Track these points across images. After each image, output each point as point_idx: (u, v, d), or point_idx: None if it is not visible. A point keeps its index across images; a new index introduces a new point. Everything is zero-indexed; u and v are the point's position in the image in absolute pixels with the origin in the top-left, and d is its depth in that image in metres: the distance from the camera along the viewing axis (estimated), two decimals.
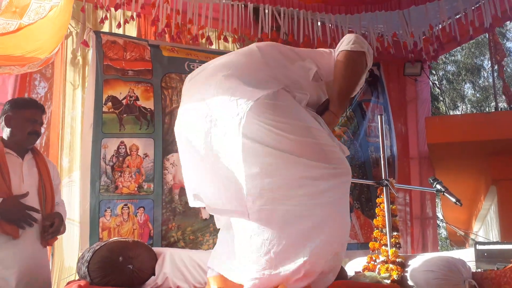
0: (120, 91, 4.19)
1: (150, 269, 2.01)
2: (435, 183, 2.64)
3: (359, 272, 2.40)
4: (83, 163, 3.97)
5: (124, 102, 4.18)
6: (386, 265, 2.28)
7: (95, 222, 3.81)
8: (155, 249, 2.23)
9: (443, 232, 15.08)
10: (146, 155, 4.14)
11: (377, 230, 2.53)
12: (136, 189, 4.05)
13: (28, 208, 2.35)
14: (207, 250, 3.57)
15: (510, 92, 5.19)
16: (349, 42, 2.01)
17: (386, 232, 2.45)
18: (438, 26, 5.11)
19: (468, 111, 16.53)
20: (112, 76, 4.19)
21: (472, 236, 7.43)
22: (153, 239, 3.94)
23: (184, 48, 4.60)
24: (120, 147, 4.08)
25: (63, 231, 2.65)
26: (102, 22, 4.33)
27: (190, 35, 4.45)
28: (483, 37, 9.45)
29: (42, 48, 2.79)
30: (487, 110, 15.62)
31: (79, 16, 4.38)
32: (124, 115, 4.15)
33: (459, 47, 12.56)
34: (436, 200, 6.92)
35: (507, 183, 5.37)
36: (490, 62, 5.48)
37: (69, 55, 4.34)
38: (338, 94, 1.94)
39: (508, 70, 14.81)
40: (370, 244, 2.55)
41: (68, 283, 2.05)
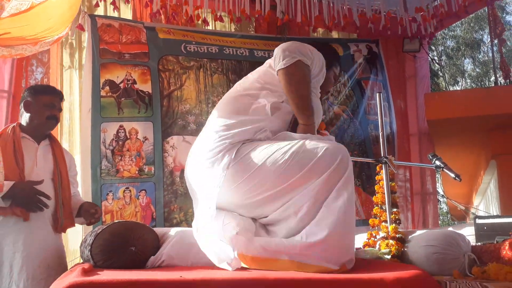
0: (117, 75, 4.18)
1: (153, 250, 2.02)
2: (434, 159, 2.65)
3: (360, 248, 2.43)
4: (83, 148, 3.98)
5: (121, 86, 4.17)
6: (386, 241, 2.30)
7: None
8: (166, 229, 2.24)
9: (444, 207, 15.19)
10: (145, 139, 4.15)
11: (376, 207, 2.55)
12: (137, 172, 4.07)
13: (39, 193, 2.36)
14: None
15: (507, 67, 5.15)
16: (279, 59, 2.08)
17: (386, 209, 2.47)
18: (436, 1, 5.05)
19: (468, 86, 16.47)
20: (109, 60, 4.17)
21: (472, 210, 7.48)
22: (156, 221, 3.98)
23: (180, 30, 4.56)
24: (120, 131, 4.09)
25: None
26: (97, 5, 4.28)
27: (186, 16, 4.40)
28: (482, 11, 9.35)
29: (54, 26, 2.78)
30: (487, 85, 15.55)
31: None
32: (122, 99, 4.14)
33: (458, 22, 12.43)
34: (437, 175, 6.96)
35: (507, 157, 5.39)
36: (489, 37, 5.41)
37: (64, 40, 4.30)
38: (297, 109, 2.06)
39: (508, 44, 14.68)
40: (370, 221, 2.57)
41: (73, 267, 2.07)
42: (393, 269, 1.49)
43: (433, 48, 15.37)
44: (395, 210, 2.50)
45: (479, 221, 2.70)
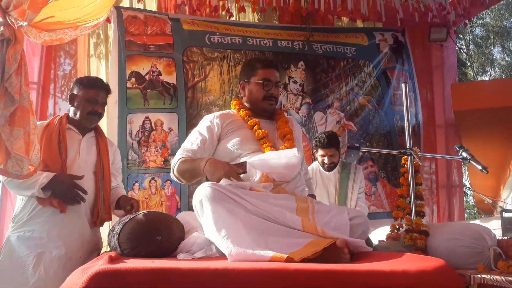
0: (143, 67, 4.24)
1: (179, 240, 2.07)
2: (461, 151, 2.60)
3: (383, 240, 2.42)
4: (110, 139, 4.05)
5: (147, 77, 4.23)
6: (410, 233, 2.29)
7: None
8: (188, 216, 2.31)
9: (470, 200, 14.92)
10: (170, 129, 4.21)
11: (401, 199, 2.54)
12: (162, 162, 4.13)
13: (77, 187, 2.38)
14: None
15: None
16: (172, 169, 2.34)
17: (410, 201, 2.45)
18: None
19: (497, 76, 16.03)
20: (135, 51, 4.23)
21: (500, 203, 7.33)
22: (180, 211, 4.04)
23: (204, 21, 4.58)
24: (145, 122, 4.15)
25: None
26: None
27: (210, 7, 4.42)
28: None
29: (94, 11, 2.80)
30: None
31: None
32: (148, 90, 4.20)
33: (487, 10, 12.08)
34: (463, 168, 6.83)
35: None
36: None
37: (91, 31, 4.37)
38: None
39: None
40: (394, 213, 2.56)
41: (101, 255, 2.14)
42: (416, 261, 1.48)
43: (461, 36, 15.00)
44: (419, 202, 2.48)
45: (506, 214, 2.65)
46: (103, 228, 2.68)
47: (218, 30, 4.60)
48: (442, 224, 2.34)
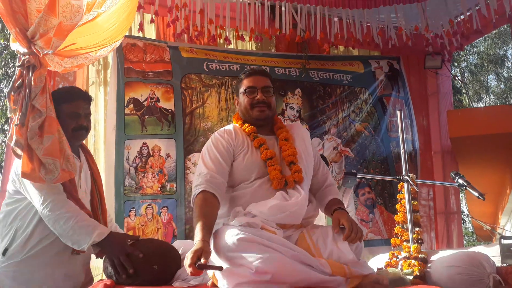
0: (141, 93, 4.27)
1: (175, 268, 2.04)
2: (457, 178, 2.61)
3: (381, 268, 2.40)
4: (107, 165, 4.06)
5: (145, 103, 4.25)
6: (409, 261, 2.27)
7: (120, 222, 3.89)
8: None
9: (469, 227, 14.84)
10: (168, 156, 4.21)
11: (398, 226, 2.53)
12: (159, 189, 4.12)
13: (129, 253, 2.05)
14: None
15: None
16: None
17: (408, 228, 2.44)
18: (458, 18, 5.02)
19: (492, 102, 16.20)
20: (133, 78, 4.27)
21: (498, 230, 7.29)
22: (177, 238, 4.00)
23: (202, 49, 4.65)
24: (143, 148, 4.16)
25: None
26: None
27: (208, 35, 4.49)
28: (506, 26, 9.24)
29: (114, 34, 2.79)
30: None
31: None
32: (146, 117, 4.23)
33: (481, 38, 12.30)
34: (461, 194, 6.82)
35: None
36: None
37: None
38: None
39: None
40: (392, 240, 2.55)
41: (95, 283, 2.11)
42: None
43: (455, 64, 15.21)
44: (417, 229, 2.47)
45: (504, 241, 2.63)
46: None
47: (216, 58, 4.66)
48: (440, 251, 2.32)
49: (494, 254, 2.58)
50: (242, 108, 2.29)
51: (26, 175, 2.01)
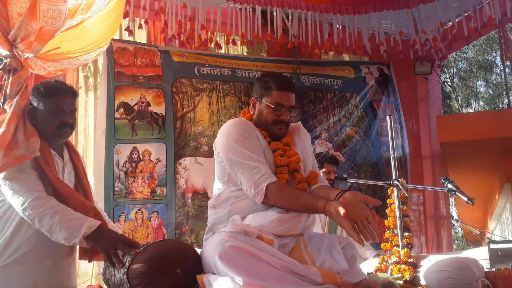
0: (132, 97, 4.25)
1: (198, 272, 1.82)
2: (446, 183, 2.63)
3: (371, 273, 2.40)
4: (96, 169, 4.03)
5: (135, 108, 4.24)
6: (398, 265, 2.28)
7: None
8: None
9: (459, 231, 14.94)
10: (158, 160, 4.19)
11: (388, 231, 2.53)
12: (149, 194, 4.10)
13: (126, 241, 1.93)
14: None
15: None
16: None
17: (398, 233, 2.45)
18: (447, 24, 5.08)
19: (481, 108, 16.37)
20: (124, 82, 4.25)
21: (487, 234, 7.34)
22: None
23: (193, 53, 4.65)
24: (133, 152, 4.14)
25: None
26: None
27: (199, 40, 4.49)
28: (494, 33, 9.36)
29: (98, 40, 2.76)
30: (500, 106, 15.45)
31: None
32: (136, 121, 4.21)
33: (470, 44, 12.44)
34: (450, 199, 6.87)
35: None
36: (501, 59, 5.41)
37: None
38: None
39: None
40: (382, 245, 2.55)
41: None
42: None
43: (445, 70, 15.37)
44: (407, 234, 2.48)
45: (493, 245, 2.65)
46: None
47: (208, 62, 4.66)
48: (430, 255, 2.34)
49: (481, 257, 2.60)
50: (261, 117, 2.16)
51: None
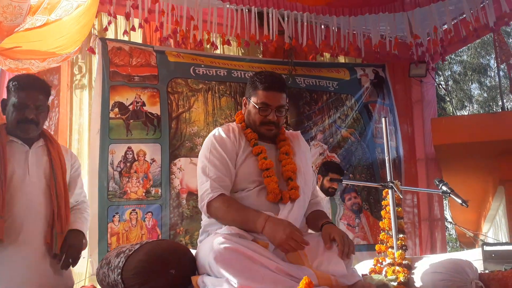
0: (127, 97, 4.24)
1: (192, 272, 1.82)
2: (440, 185, 2.63)
3: (366, 274, 2.41)
4: (90, 169, 4.01)
5: (130, 108, 4.22)
6: (393, 267, 2.28)
7: (103, 227, 3.84)
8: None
9: (453, 233, 14.98)
10: (153, 160, 4.18)
11: (383, 233, 2.54)
12: (144, 194, 4.08)
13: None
14: None
15: None
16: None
17: (392, 235, 2.45)
18: (442, 27, 5.10)
19: (475, 111, 16.43)
20: (119, 82, 4.24)
21: (481, 237, 7.38)
22: None
23: (189, 54, 4.64)
24: (128, 152, 4.12)
25: (84, 247, 2.23)
26: (106, 29, 4.36)
27: (195, 40, 4.49)
28: (488, 36, 9.42)
29: (64, 44, 2.74)
30: (494, 109, 15.51)
31: None
32: (131, 121, 4.19)
33: (465, 47, 12.51)
34: (444, 201, 6.89)
35: None
36: (496, 62, 5.44)
37: (75, 62, 4.38)
38: None
39: None
40: (377, 247, 2.55)
41: None
42: None
43: (440, 73, 15.42)
44: (401, 236, 2.48)
45: (487, 248, 2.67)
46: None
47: (203, 63, 4.66)
48: (424, 257, 2.34)
49: (474, 258, 2.62)
50: (250, 118, 2.12)
51: None
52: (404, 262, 2.30)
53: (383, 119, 2.65)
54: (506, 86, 5.41)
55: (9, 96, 2.13)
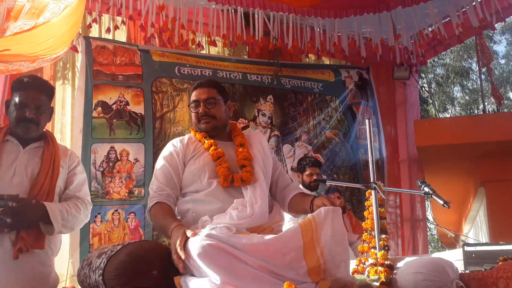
0: (110, 96, 4.19)
1: (175, 274, 1.80)
2: (423, 186, 2.66)
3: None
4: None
5: (114, 107, 4.18)
6: (375, 267, 2.30)
7: (85, 228, 3.79)
8: None
9: (435, 234, 15.16)
10: (136, 160, 4.14)
11: (366, 233, 2.55)
12: (126, 194, 4.04)
13: None
14: None
15: (499, 95, 5.25)
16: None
17: (375, 235, 2.47)
18: (426, 30, 5.16)
19: (457, 113, 16.68)
20: (102, 81, 4.19)
21: (462, 237, 7.48)
22: None
23: (174, 53, 4.61)
24: (110, 152, 4.08)
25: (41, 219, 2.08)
26: (90, 26, 4.31)
27: (181, 40, 4.46)
28: (471, 40, 9.56)
29: (53, 45, 2.72)
30: (476, 112, 15.77)
31: None
32: (114, 120, 4.15)
33: (447, 50, 12.68)
34: (427, 202, 6.98)
35: (496, 184, 5.43)
36: (477, 65, 5.54)
37: (58, 61, 4.32)
38: None
39: (496, 73, 14.97)
40: (359, 247, 2.57)
41: None
42: None
43: (423, 75, 15.62)
44: (384, 236, 2.50)
45: (467, 248, 2.70)
46: (60, 259, 2.29)
47: (188, 62, 4.63)
48: (406, 257, 2.36)
49: (456, 259, 2.65)
50: (193, 121, 2.33)
51: None
52: (386, 263, 2.31)
53: (366, 121, 2.66)
54: (488, 89, 5.52)
55: (12, 96, 2.18)
